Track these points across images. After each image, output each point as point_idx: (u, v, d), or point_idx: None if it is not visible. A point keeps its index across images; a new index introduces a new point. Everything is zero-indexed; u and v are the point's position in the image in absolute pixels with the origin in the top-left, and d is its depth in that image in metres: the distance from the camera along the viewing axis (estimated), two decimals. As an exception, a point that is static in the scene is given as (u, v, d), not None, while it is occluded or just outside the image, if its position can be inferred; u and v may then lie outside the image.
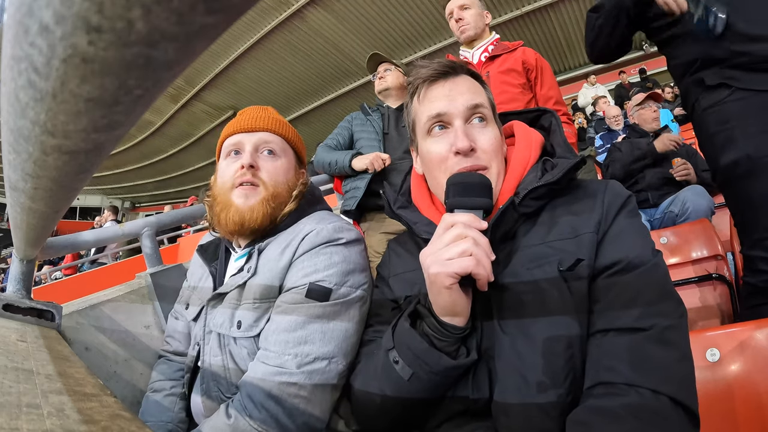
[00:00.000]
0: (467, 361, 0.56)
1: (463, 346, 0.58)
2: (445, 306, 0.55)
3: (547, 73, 1.71)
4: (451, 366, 0.55)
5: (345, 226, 0.80)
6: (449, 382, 0.58)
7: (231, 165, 0.82)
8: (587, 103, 6.49)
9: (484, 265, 0.51)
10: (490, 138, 0.65)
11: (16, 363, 0.45)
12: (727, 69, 1.03)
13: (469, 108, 0.65)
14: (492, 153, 0.64)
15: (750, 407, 0.67)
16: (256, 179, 0.80)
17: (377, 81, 1.86)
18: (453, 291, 0.52)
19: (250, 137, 0.83)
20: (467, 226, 0.53)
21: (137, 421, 0.38)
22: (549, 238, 0.59)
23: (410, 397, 0.58)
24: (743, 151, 0.99)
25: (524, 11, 7.71)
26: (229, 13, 0.13)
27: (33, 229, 0.48)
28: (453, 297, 0.53)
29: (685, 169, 2.12)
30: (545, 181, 0.61)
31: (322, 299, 0.71)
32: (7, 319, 0.72)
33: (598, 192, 0.62)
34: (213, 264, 0.88)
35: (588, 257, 0.56)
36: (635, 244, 0.57)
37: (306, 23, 7.93)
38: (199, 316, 0.84)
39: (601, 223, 0.58)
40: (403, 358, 0.58)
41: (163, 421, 0.81)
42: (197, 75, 9.76)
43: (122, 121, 0.19)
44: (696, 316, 1.34)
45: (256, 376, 0.68)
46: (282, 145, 0.86)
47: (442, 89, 0.67)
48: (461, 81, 0.67)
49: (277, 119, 0.87)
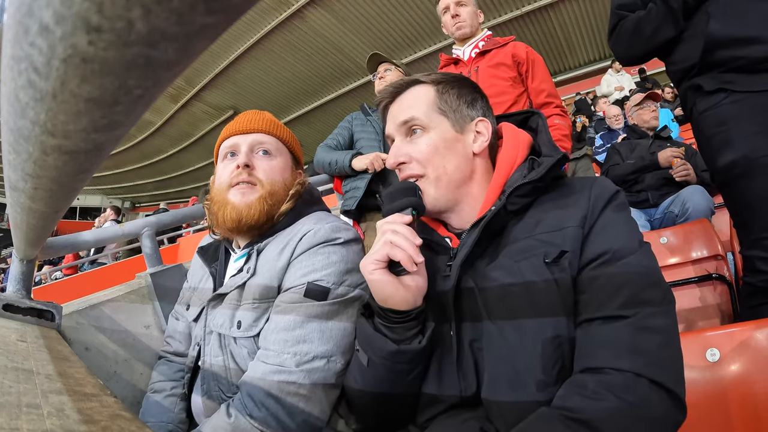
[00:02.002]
0: (414, 347, 0.60)
1: (419, 335, 0.62)
2: (376, 292, 0.60)
3: (539, 66, 1.68)
4: (394, 350, 0.60)
5: (342, 225, 0.81)
6: (404, 369, 0.61)
7: (228, 166, 0.84)
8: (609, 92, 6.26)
9: (403, 248, 0.57)
10: (420, 147, 0.69)
11: (16, 363, 0.45)
12: (724, 73, 1.03)
13: (401, 124, 0.71)
14: (424, 160, 0.68)
15: (750, 407, 0.67)
16: (252, 178, 0.81)
17: (377, 81, 1.86)
18: (377, 276, 0.58)
19: (245, 138, 0.85)
20: (389, 223, 0.61)
21: (137, 421, 0.38)
22: (536, 232, 0.61)
23: (376, 385, 0.63)
24: (740, 152, 0.99)
25: (524, 11, 7.71)
26: (229, 13, 0.13)
27: (33, 229, 0.48)
28: (381, 283, 0.59)
29: (684, 169, 2.12)
30: (530, 179, 0.63)
31: (320, 298, 0.71)
32: (7, 319, 0.72)
33: (585, 187, 0.64)
34: (213, 265, 0.88)
35: (572, 249, 0.58)
36: (620, 236, 0.58)
37: (306, 23, 7.93)
38: (200, 317, 0.85)
39: (587, 218, 0.60)
40: (360, 345, 0.65)
41: (164, 421, 0.81)
42: (197, 75, 9.76)
43: (122, 121, 0.19)
44: (696, 316, 1.34)
45: (255, 375, 0.68)
46: (277, 145, 0.87)
47: (390, 111, 0.74)
48: (403, 98, 0.73)
49: (272, 121, 0.89)
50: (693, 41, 1.07)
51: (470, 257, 0.62)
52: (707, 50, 1.03)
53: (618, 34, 1.22)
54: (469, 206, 0.69)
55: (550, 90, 1.68)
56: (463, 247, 0.63)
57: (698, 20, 1.05)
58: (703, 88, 1.07)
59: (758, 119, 0.98)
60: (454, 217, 0.70)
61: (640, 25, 1.15)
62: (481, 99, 0.74)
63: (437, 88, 0.71)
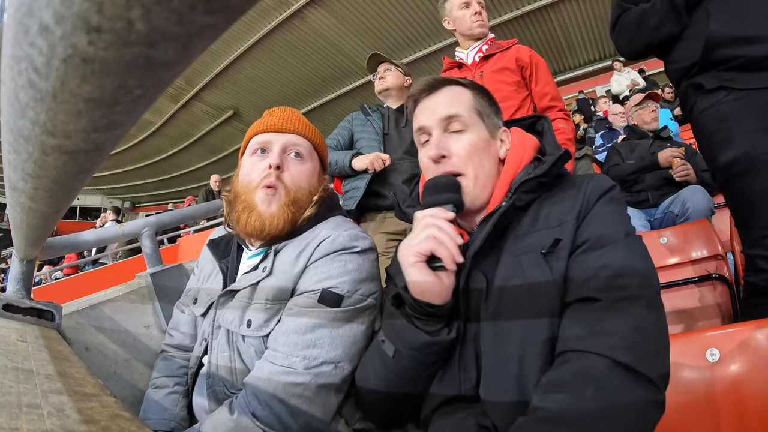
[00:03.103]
0: (444, 338, 0.61)
1: (446, 327, 0.63)
2: (414, 284, 0.60)
3: (542, 69, 1.68)
4: (427, 341, 0.60)
5: (360, 234, 0.81)
6: (431, 361, 0.62)
7: (257, 163, 0.82)
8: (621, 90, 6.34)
9: (447, 246, 0.57)
10: (464, 144, 0.70)
11: (16, 363, 0.45)
12: (725, 72, 1.03)
13: (443, 119, 0.72)
14: (466, 158, 0.69)
15: (750, 407, 0.67)
16: (278, 181, 0.80)
17: (377, 81, 1.86)
18: (417, 269, 0.59)
19: (279, 138, 0.83)
20: (433, 216, 0.61)
21: (137, 421, 0.38)
22: (537, 227, 0.63)
23: (396, 377, 0.64)
24: (741, 149, 0.99)
25: (524, 11, 7.71)
26: (229, 13, 0.13)
27: (33, 229, 0.48)
28: (419, 276, 0.59)
29: (684, 169, 2.12)
30: (534, 174, 0.65)
31: (333, 305, 0.72)
32: (7, 319, 0.72)
33: (584, 183, 0.66)
34: (224, 261, 0.88)
35: (565, 239, 0.59)
36: (606, 225, 0.60)
37: (306, 23, 7.92)
38: (208, 312, 0.84)
39: (581, 211, 0.61)
40: (387, 337, 0.65)
41: (166, 418, 0.81)
42: (197, 75, 9.76)
43: (122, 121, 0.19)
44: (696, 316, 1.34)
45: (262, 375, 0.69)
46: (309, 149, 0.86)
47: (425, 104, 0.75)
48: (442, 94, 0.74)
49: (306, 122, 0.88)
50: (693, 40, 1.07)
51: (480, 252, 0.63)
52: (708, 49, 1.03)
53: (621, 27, 1.21)
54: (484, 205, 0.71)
55: (553, 93, 1.68)
56: (474, 242, 0.64)
57: (698, 18, 1.05)
58: (704, 87, 1.06)
59: (759, 116, 0.98)
60: (467, 215, 0.72)
61: (644, 17, 1.14)
62: (499, 110, 0.78)
63: (473, 92, 0.74)
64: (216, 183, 6.37)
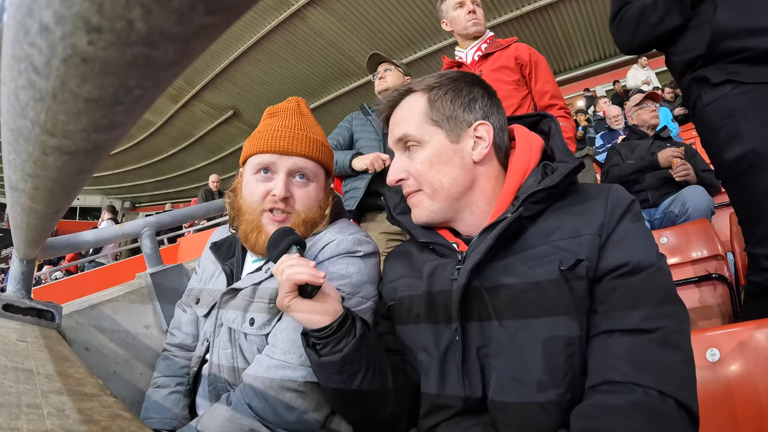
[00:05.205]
0: (327, 359, 0.62)
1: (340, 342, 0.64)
2: (302, 319, 0.63)
3: (542, 67, 1.67)
4: (314, 361, 0.63)
5: (364, 238, 0.82)
6: (333, 372, 0.63)
7: (261, 184, 0.80)
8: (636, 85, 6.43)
9: (303, 270, 0.61)
10: (416, 164, 0.69)
11: (16, 363, 0.45)
12: (731, 64, 1.00)
13: (397, 141, 0.72)
14: (419, 176, 0.69)
15: (750, 407, 0.67)
16: (289, 208, 0.80)
17: (377, 81, 1.86)
18: (294, 304, 0.62)
19: (284, 161, 0.79)
20: (281, 263, 0.64)
21: (137, 421, 0.38)
22: (551, 238, 0.60)
23: (325, 384, 0.66)
24: (749, 145, 0.96)
25: (524, 11, 7.71)
26: (229, 13, 0.13)
27: (33, 229, 0.48)
28: (298, 307, 0.62)
29: (684, 169, 2.12)
30: (544, 186, 0.62)
31: None
32: (7, 319, 0.72)
33: (602, 195, 0.62)
34: (227, 263, 0.88)
35: (588, 258, 0.57)
36: (640, 248, 0.57)
37: (306, 23, 7.92)
38: (211, 313, 0.85)
39: (604, 226, 0.59)
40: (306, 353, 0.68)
41: (168, 418, 0.82)
42: (197, 75, 9.76)
43: (122, 121, 0.19)
44: (696, 316, 1.34)
45: (260, 368, 0.70)
46: (315, 169, 0.84)
47: (390, 123, 0.75)
48: (398, 111, 0.73)
49: (312, 140, 0.83)
50: (699, 31, 1.04)
51: (481, 263, 0.61)
52: (714, 41, 1.00)
53: (621, 21, 1.17)
54: (472, 214, 0.69)
55: (553, 91, 1.67)
56: (474, 252, 0.62)
57: (705, 9, 1.02)
58: (709, 80, 1.03)
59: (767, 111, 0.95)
60: (458, 225, 0.70)
61: (645, 12, 1.11)
62: (483, 98, 0.72)
63: (429, 96, 0.70)
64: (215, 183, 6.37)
